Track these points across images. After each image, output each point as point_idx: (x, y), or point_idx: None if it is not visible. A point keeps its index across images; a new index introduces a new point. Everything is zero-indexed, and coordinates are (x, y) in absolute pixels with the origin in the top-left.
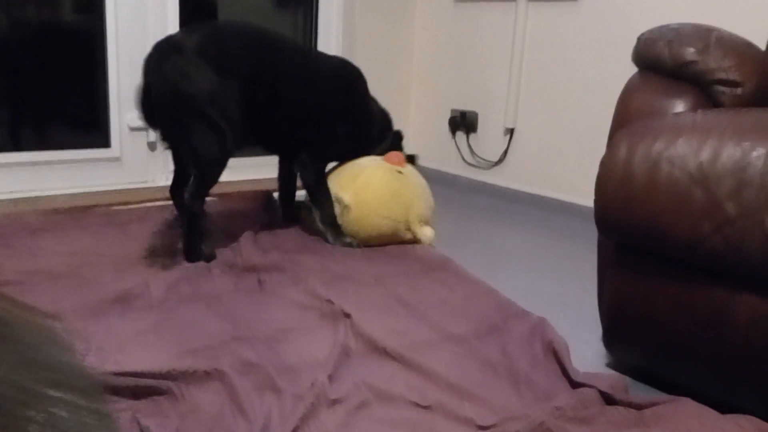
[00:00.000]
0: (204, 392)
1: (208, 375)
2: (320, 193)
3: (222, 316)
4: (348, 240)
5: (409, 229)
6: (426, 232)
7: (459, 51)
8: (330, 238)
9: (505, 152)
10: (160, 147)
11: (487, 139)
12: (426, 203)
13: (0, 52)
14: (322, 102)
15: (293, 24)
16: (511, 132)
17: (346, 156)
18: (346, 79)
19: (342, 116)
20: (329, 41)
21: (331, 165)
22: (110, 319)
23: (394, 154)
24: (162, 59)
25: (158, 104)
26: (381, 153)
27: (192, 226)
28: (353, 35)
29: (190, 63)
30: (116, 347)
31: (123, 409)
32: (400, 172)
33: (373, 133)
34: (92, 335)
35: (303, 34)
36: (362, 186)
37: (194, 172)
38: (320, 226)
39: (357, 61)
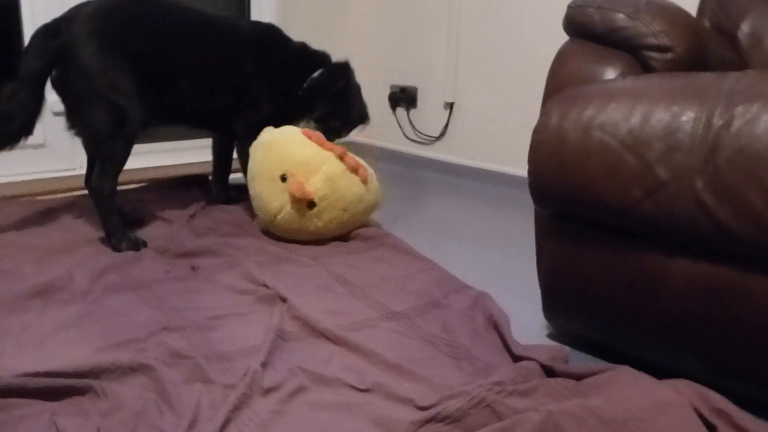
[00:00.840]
0: (128, 388)
1: (133, 369)
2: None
3: (151, 306)
4: (258, 224)
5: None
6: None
7: (397, 24)
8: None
9: (446, 126)
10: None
11: (428, 114)
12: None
13: None
14: (230, 67)
15: (227, 3)
16: (451, 106)
17: (281, 116)
18: (255, 39)
19: (257, 76)
20: (261, 14)
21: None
22: (29, 315)
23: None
24: (46, 37)
25: (54, 86)
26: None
27: (105, 210)
28: (286, 8)
29: (75, 39)
30: (35, 344)
31: (39, 412)
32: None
33: (294, 81)
34: (8, 332)
35: (236, 7)
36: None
37: (94, 153)
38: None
39: (291, 35)
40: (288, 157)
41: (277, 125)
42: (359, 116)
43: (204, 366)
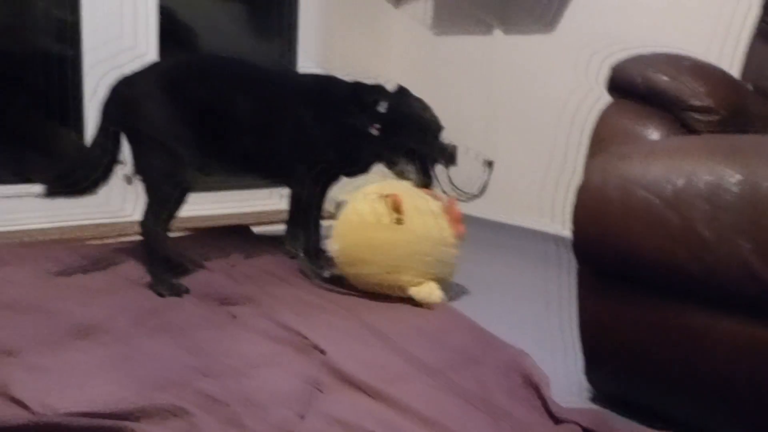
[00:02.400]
0: (165, 431)
1: (171, 413)
2: (309, 216)
3: (189, 350)
4: (326, 274)
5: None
6: (422, 290)
7: (436, 83)
8: (307, 270)
9: (485, 184)
10: (136, 180)
11: (467, 172)
12: (425, 260)
13: None
14: (288, 116)
15: (273, 53)
16: (490, 164)
17: (352, 159)
18: (311, 87)
19: (316, 123)
20: (306, 71)
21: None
22: (73, 354)
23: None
24: (121, 89)
25: (120, 130)
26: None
27: (152, 253)
28: (330, 64)
29: (144, 91)
30: (75, 383)
31: None
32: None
33: (358, 119)
34: (53, 371)
35: (282, 64)
36: (350, 232)
37: (150, 197)
38: (300, 254)
39: None
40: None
41: (352, 168)
42: (435, 127)
43: (240, 413)
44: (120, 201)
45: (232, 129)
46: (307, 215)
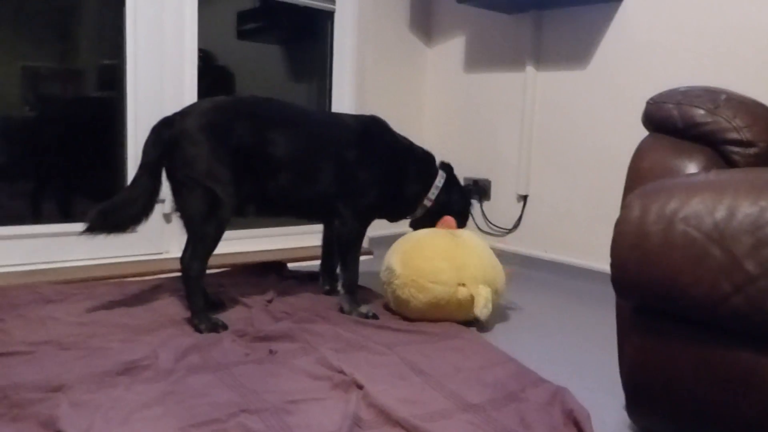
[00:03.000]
0: None
1: None
2: (351, 254)
3: (231, 387)
4: (364, 310)
5: (462, 291)
6: (481, 292)
7: (470, 119)
8: (346, 306)
9: (519, 219)
10: (176, 218)
11: (501, 206)
12: (482, 263)
13: (26, 126)
14: (331, 158)
15: (308, 95)
16: (524, 198)
17: (391, 208)
18: (357, 130)
19: (361, 164)
20: (341, 109)
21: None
22: (116, 391)
23: (447, 219)
24: (162, 130)
25: (165, 173)
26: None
27: (191, 290)
28: (364, 105)
29: (184, 132)
30: (121, 420)
31: None
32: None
33: (407, 174)
34: (97, 407)
35: (317, 104)
36: (411, 249)
37: (189, 235)
38: (340, 290)
39: None
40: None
41: (388, 213)
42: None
43: None
44: (159, 238)
45: (276, 171)
46: (348, 253)
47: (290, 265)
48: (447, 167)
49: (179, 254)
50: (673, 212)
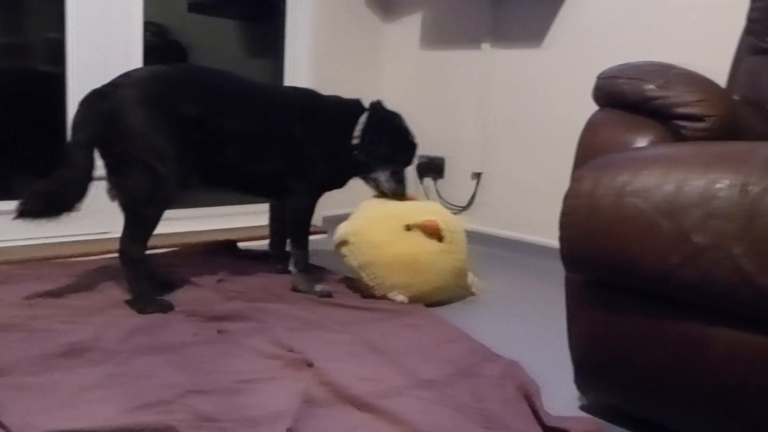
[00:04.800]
0: None
1: (158, 431)
2: (303, 231)
3: (178, 368)
4: (319, 288)
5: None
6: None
7: (426, 96)
8: (301, 284)
9: (473, 196)
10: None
11: (455, 184)
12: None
13: None
14: (279, 132)
15: (263, 71)
16: (478, 176)
17: (342, 173)
18: (299, 104)
19: (307, 139)
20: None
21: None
22: (58, 373)
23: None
24: (94, 103)
25: (99, 149)
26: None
27: (133, 274)
28: (321, 82)
29: (119, 104)
30: (62, 403)
31: None
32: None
33: (342, 135)
34: (37, 391)
35: (272, 81)
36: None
37: (127, 215)
38: (293, 269)
39: None
40: (406, 212)
41: (338, 182)
42: (411, 136)
43: (230, 430)
44: (105, 217)
45: (223, 144)
46: (301, 230)
47: (242, 245)
48: (374, 103)
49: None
50: (623, 185)
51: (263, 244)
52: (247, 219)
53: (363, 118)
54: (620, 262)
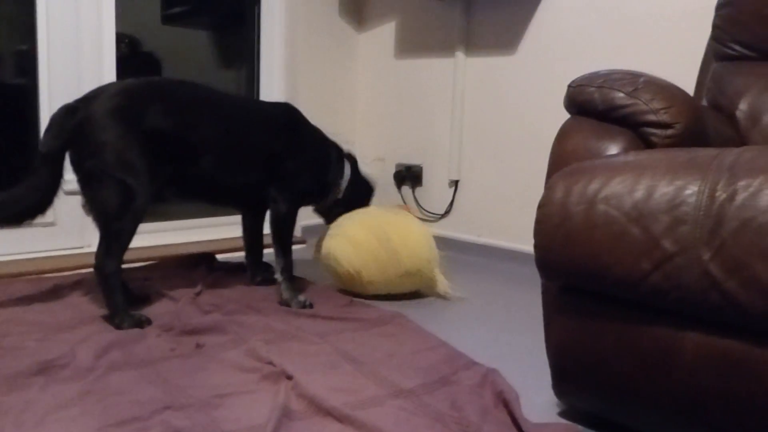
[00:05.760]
0: None
1: None
2: (287, 239)
3: (154, 384)
4: (302, 299)
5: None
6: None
7: (401, 105)
8: (286, 293)
9: (451, 203)
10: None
11: (433, 192)
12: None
13: None
14: (257, 145)
15: (237, 82)
16: (456, 183)
17: (317, 194)
18: (280, 117)
19: (288, 152)
20: (271, 96)
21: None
22: (30, 392)
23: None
24: (64, 118)
25: (71, 164)
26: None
27: (107, 289)
28: (296, 92)
29: (90, 118)
30: (35, 422)
31: None
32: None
33: (330, 161)
34: (9, 410)
35: (246, 92)
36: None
37: (101, 230)
38: (278, 278)
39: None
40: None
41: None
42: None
43: None
44: (79, 231)
45: (197, 156)
46: (284, 238)
47: (220, 257)
48: (352, 158)
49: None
50: (594, 193)
51: (240, 256)
52: (223, 231)
53: (347, 174)
54: (592, 268)
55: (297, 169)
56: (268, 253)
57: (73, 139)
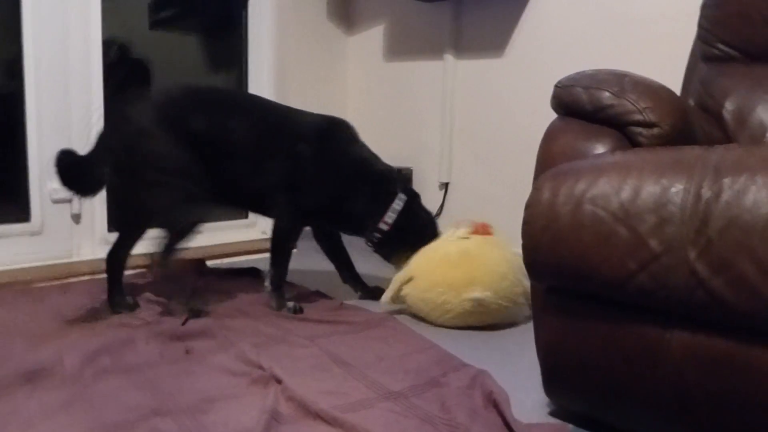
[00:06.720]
0: None
1: None
2: (283, 249)
3: (143, 389)
4: (291, 305)
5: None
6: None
7: (391, 108)
8: (274, 303)
9: (441, 206)
10: (85, 219)
11: (423, 195)
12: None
13: None
14: (280, 151)
15: (227, 86)
16: (445, 186)
17: (336, 220)
18: (318, 129)
19: (312, 166)
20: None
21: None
22: (16, 400)
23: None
24: (115, 127)
25: (115, 170)
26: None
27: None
28: (285, 95)
29: (139, 129)
30: (22, 430)
31: None
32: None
33: (359, 189)
34: None
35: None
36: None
37: (127, 226)
38: (267, 287)
39: None
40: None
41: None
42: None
43: None
44: (67, 240)
45: (225, 160)
46: (280, 250)
47: (210, 263)
48: (410, 191)
49: (90, 256)
50: (581, 193)
51: (232, 262)
52: (213, 237)
53: (397, 207)
54: (580, 269)
55: (312, 184)
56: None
57: (125, 145)
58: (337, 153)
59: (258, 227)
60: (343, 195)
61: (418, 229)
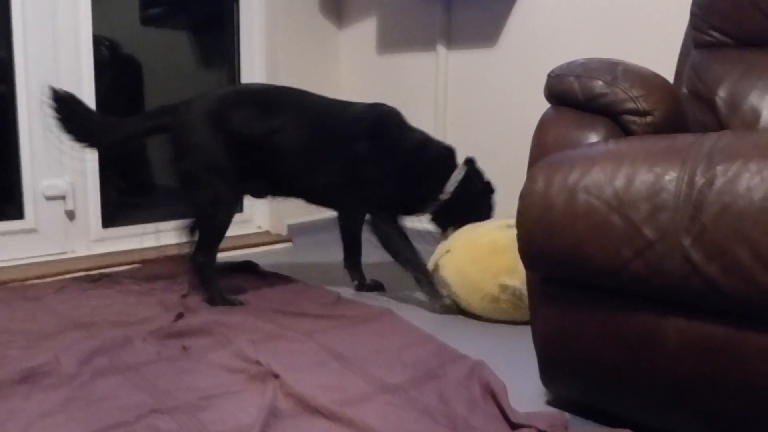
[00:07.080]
0: None
1: None
2: (391, 245)
3: (140, 388)
4: (447, 301)
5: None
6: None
7: (384, 101)
8: (429, 300)
9: None
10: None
11: None
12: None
13: None
14: (338, 147)
15: (219, 81)
16: None
17: (412, 202)
18: (368, 121)
19: (371, 157)
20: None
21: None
22: (14, 401)
23: None
24: (163, 112)
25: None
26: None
27: (202, 279)
28: (275, 79)
29: (186, 122)
30: (20, 430)
31: None
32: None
33: (419, 171)
34: None
35: (227, 77)
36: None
37: (197, 225)
38: (419, 287)
39: None
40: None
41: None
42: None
43: None
44: (62, 237)
45: (281, 158)
46: (398, 251)
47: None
48: (469, 161)
49: (85, 253)
50: (575, 182)
51: (230, 256)
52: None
53: (456, 178)
54: (574, 258)
55: (378, 175)
56: (269, 251)
57: (172, 140)
58: (394, 146)
59: (254, 222)
60: (409, 182)
61: (474, 198)
